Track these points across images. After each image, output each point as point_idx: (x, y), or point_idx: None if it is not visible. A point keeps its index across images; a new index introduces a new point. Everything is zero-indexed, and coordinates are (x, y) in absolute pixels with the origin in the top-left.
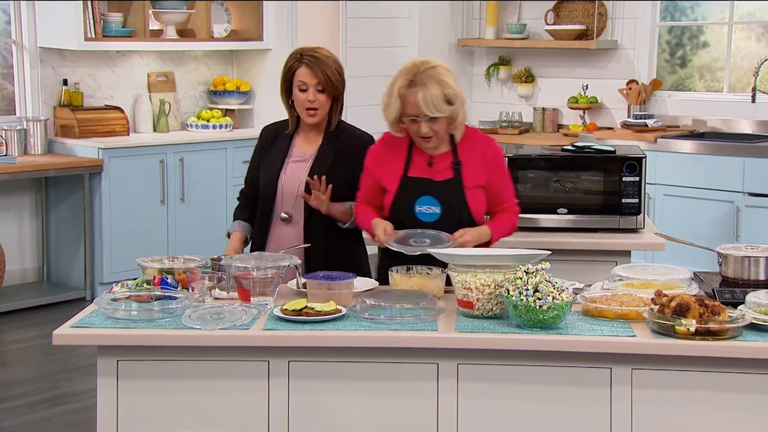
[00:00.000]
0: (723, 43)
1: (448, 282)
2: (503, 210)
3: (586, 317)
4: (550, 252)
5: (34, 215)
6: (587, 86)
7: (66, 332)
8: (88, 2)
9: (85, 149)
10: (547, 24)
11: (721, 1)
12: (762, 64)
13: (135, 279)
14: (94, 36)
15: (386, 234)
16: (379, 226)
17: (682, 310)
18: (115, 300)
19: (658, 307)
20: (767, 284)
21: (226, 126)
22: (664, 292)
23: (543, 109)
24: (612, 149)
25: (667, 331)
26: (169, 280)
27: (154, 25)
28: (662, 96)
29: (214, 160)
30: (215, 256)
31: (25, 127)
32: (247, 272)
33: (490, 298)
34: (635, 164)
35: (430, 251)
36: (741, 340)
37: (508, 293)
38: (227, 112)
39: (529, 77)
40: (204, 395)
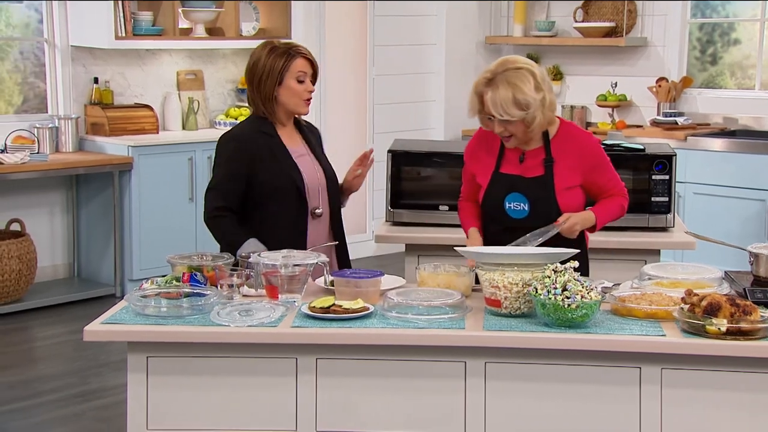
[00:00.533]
0: (755, 40)
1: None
2: (610, 195)
3: (615, 316)
4: (578, 251)
5: (65, 212)
6: (616, 84)
7: (97, 328)
8: (119, 1)
9: (115, 147)
10: (576, 21)
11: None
12: None
13: (164, 276)
14: (124, 35)
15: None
16: (473, 239)
17: (713, 310)
18: (144, 297)
19: (688, 306)
20: None
21: None
22: (694, 291)
23: (571, 106)
24: (641, 147)
25: (698, 331)
26: (198, 277)
27: (183, 24)
28: (692, 93)
29: None
30: (244, 254)
31: (56, 125)
32: (275, 269)
33: (518, 297)
34: (665, 162)
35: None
36: None
37: (537, 292)
38: None
39: (557, 75)
40: (232, 392)
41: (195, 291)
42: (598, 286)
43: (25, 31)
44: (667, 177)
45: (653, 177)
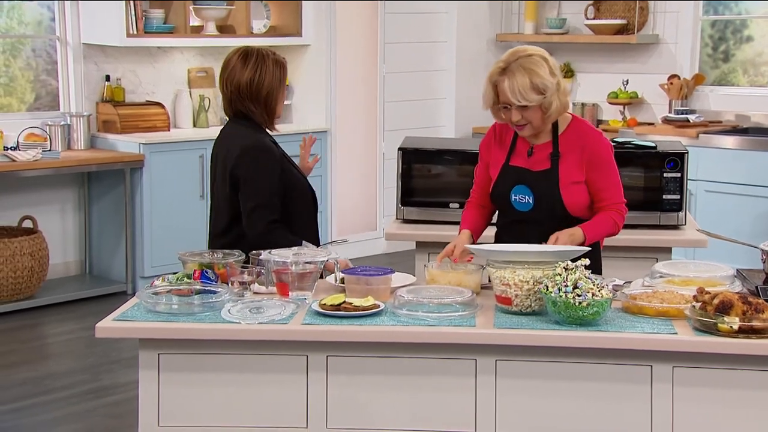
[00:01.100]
0: (767, 37)
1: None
2: (604, 208)
3: (626, 314)
4: (589, 248)
5: (77, 209)
6: (627, 81)
7: (108, 325)
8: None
9: (126, 144)
10: (587, 19)
11: None
12: None
13: (175, 273)
14: (135, 32)
15: (449, 256)
16: (456, 244)
17: (725, 308)
18: (156, 294)
19: (700, 304)
20: None
21: None
22: (706, 289)
23: (582, 104)
24: (653, 145)
25: (710, 329)
26: (209, 275)
27: (194, 22)
28: (704, 91)
29: None
30: (254, 251)
31: (68, 123)
32: (285, 267)
33: (529, 295)
34: (677, 160)
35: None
36: None
37: (547, 289)
38: None
39: (568, 72)
40: (243, 389)
41: (206, 288)
42: (609, 284)
43: (37, 28)
44: (678, 175)
45: (665, 175)
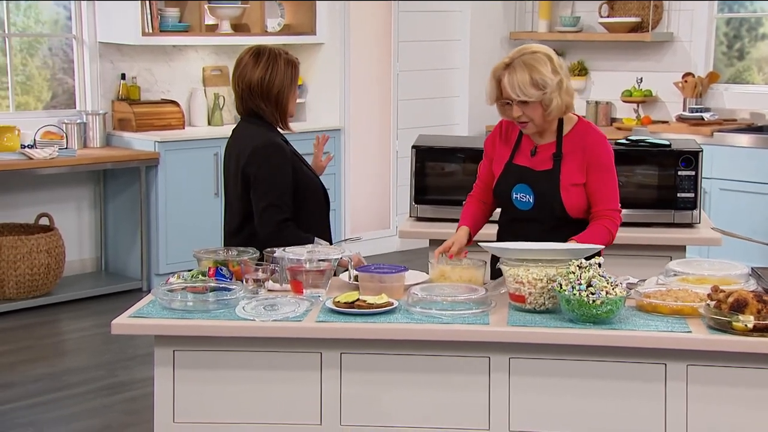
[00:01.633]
0: None
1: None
2: (597, 214)
3: (640, 312)
4: (603, 246)
5: (93, 207)
6: (641, 79)
7: (124, 322)
8: None
9: (141, 142)
10: (601, 17)
11: None
12: None
13: (190, 270)
14: (151, 31)
15: (445, 252)
16: (455, 240)
17: (739, 306)
18: (171, 291)
19: (714, 302)
20: None
21: None
22: (720, 287)
23: (596, 102)
24: (667, 143)
25: (724, 327)
26: (224, 272)
27: (209, 20)
28: (719, 89)
29: None
30: (269, 248)
31: (84, 121)
32: (300, 265)
33: (543, 293)
34: (691, 158)
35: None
36: None
37: (561, 287)
38: None
39: (582, 70)
40: (257, 385)
41: (221, 285)
42: (623, 282)
43: (54, 28)
44: (693, 173)
45: (679, 173)
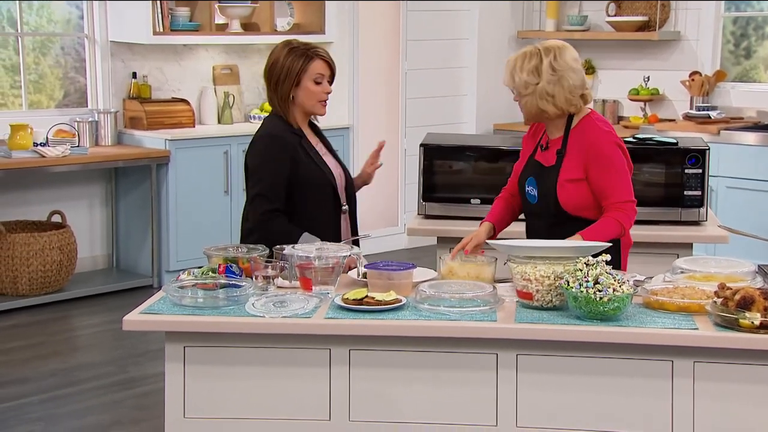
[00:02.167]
0: None
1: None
2: (607, 208)
3: (647, 310)
4: (610, 244)
5: (104, 204)
6: (649, 78)
7: (135, 318)
8: None
9: (152, 140)
10: (609, 16)
11: None
12: None
13: (201, 267)
14: (162, 30)
15: (462, 248)
16: (473, 237)
17: (746, 303)
18: (181, 287)
19: (721, 300)
20: None
21: None
22: (727, 285)
23: (603, 100)
24: (674, 141)
25: (731, 325)
26: (234, 269)
27: (219, 20)
28: (726, 87)
29: None
30: (278, 246)
31: (96, 119)
32: (309, 262)
33: (550, 290)
34: (698, 156)
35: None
36: None
37: (568, 285)
38: None
39: (589, 69)
40: (267, 381)
41: (231, 282)
42: (630, 280)
43: (66, 27)
44: (700, 171)
45: (686, 171)
